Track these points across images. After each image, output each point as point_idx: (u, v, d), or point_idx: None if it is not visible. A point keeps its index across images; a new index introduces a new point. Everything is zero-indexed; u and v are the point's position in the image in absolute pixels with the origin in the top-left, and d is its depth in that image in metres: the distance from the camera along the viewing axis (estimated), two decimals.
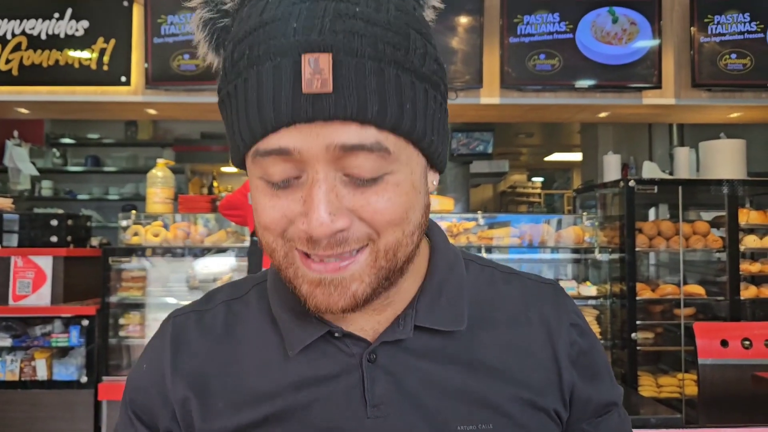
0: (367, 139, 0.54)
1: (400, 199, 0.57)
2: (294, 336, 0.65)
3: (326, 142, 0.53)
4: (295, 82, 0.52)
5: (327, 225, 0.54)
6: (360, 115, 0.53)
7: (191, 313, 0.73)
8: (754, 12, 3.48)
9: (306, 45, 0.53)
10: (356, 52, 0.53)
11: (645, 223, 3.60)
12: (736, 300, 3.44)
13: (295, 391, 0.65)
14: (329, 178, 0.55)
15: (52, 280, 3.45)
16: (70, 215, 3.73)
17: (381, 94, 0.54)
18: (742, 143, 3.71)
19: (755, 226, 3.57)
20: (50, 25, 3.48)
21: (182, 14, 3.43)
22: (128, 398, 0.71)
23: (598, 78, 3.47)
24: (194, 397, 0.67)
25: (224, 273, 3.62)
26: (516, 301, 0.73)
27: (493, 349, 0.68)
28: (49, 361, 3.43)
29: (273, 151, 0.55)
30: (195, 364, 0.68)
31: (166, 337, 0.71)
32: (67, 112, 4.06)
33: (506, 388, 0.67)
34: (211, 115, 4.13)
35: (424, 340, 0.66)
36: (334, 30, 0.53)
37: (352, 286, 0.58)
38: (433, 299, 0.67)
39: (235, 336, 0.70)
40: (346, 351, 0.65)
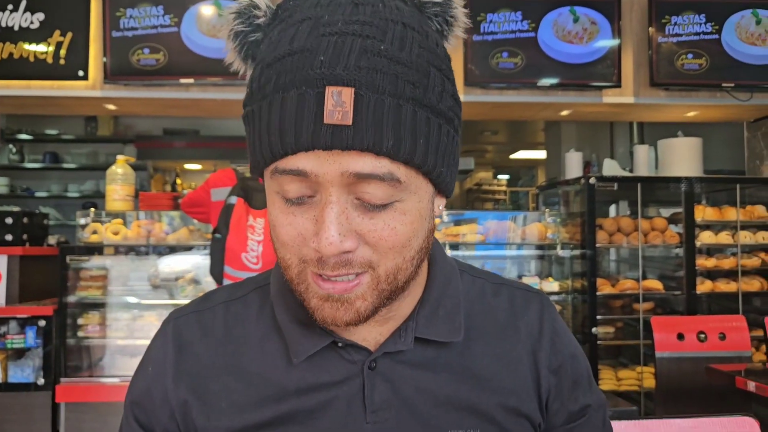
0: (381, 169, 0.57)
1: (405, 228, 0.60)
2: (299, 345, 0.67)
3: (342, 169, 0.56)
4: (318, 112, 0.55)
5: (336, 245, 0.57)
6: (375, 148, 0.56)
7: (191, 314, 0.74)
8: (709, 13, 3.55)
9: (331, 78, 0.56)
10: (377, 88, 0.56)
11: (605, 219, 3.66)
12: (692, 294, 3.51)
13: (298, 396, 0.67)
14: (341, 200, 0.58)
15: (7, 279, 3.38)
16: (27, 213, 3.65)
17: (397, 130, 0.57)
18: (698, 141, 3.79)
19: (711, 223, 3.65)
20: (3, 17, 3.39)
21: (142, 7, 3.37)
22: (129, 401, 0.73)
23: (559, 76, 3.50)
24: (196, 399, 0.68)
25: (187, 271, 3.58)
26: (505, 313, 0.76)
27: (483, 359, 0.72)
28: (4, 363, 3.35)
29: (291, 171, 0.58)
30: (198, 365, 0.70)
31: (167, 339, 0.72)
32: (23, 107, 3.97)
33: (494, 397, 0.70)
34: (173, 110, 4.07)
35: (421, 350, 0.69)
36: (358, 66, 0.56)
37: (356, 303, 0.61)
38: (432, 312, 0.70)
39: (236, 338, 0.71)
40: (348, 359, 0.68)
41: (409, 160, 0.58)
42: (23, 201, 6.05)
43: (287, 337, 0.69)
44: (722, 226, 3.66)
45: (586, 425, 0.76)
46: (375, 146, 0.56)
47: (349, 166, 0.56)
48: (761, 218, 3.66)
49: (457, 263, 0.78)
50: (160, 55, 3.38)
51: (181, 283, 3.56)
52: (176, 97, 3.53)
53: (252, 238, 2.80)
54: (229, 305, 0.74)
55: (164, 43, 3.38)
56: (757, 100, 3.63)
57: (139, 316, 3.55)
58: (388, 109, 0.56)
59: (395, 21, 0.60)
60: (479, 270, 0.80)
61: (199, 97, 3.52)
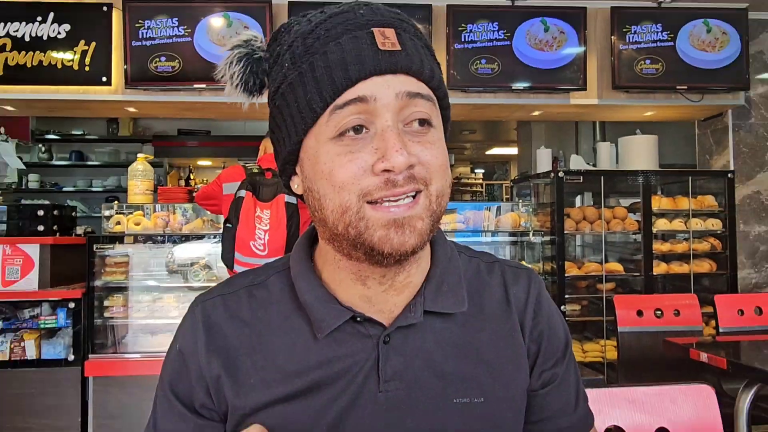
0: (423, 89, 0.62)
1: (441, 151, 0.64)
2: (323, 321, 0.66)
3: (396, 89, 0.60)
4: (373, 44, 0.61)
5: (405, 157, 0.59)
6: (418, 72, 0.62)
7: (217, 298, 0.72)
8: (665, 23, 3.53)
9: (375, 23, 0.62)
10: (408, 31, 0.64)
11: (572, 209, 3.65)
12: (649, 275, 3.52)
13: (320, 368, 0.66)
14: (397, 125, 0.61)
15: (39, 266, 3.33)
16: (56, 206, 3.59)
17: (428, 62, 0.64)
18: (654, 139, 3.79)
19: (665, 211, 3.65)
20: (33, 27, 3.33)
21: (159, 19, 3.32)
22: (167, 380, 0.70)
23: (531, 81, 3.47)
24: (227, 376, 0.67)
25: (201, 257, 3.55)
26: (499, 289, 0.75)
27: (483, 334, 0.71)
28: (37, 341, 3.31)
29: (352, 100, 0.60)
30: (226, 344, 0.68)
31: (197, 321, 0.70)
32: (52, 110, 3.91)
33: (493, 367, 0.69)
34: (187, 113, 4.02)
35: (430, 323, 0.68)
36: (391, 17, 0.64)
37: (418, 224, 0.61)
38: (437, 287, 0.69)
39: (261, 320, 0.70)
40: (365, 333, 0.67)
41: (437, 86, 0.65)
42: (52, 195, 5.98)
43: (311, 315, 0.67)
44: (676, 214, 3.66)
45: (561, 387, 0.74)
46: (419, 70, 0.62)
47: (402, 87, 0.61)
48: (710, 207, 3.67)
49: (455, 245, 0.77)
50: (175, 63, 3.33)
51: (195, 268, 3.53)
52: (190, 101, 3.49)
53: (259, 227, 2.78)
54: (251, 290, 0.72)
55: (179, 52, 3.34)
56: (708, 101, 3.63)
57: (158, 298, 3.52)
58: (419, 47, 0.64)
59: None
60: (474, 250, 0.79)
61: (211, 100, 3.47)
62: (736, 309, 2.79)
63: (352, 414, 0.65)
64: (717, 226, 3.64)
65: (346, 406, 0.65)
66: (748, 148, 3.81)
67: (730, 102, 3.68)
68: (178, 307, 3.48)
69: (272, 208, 2.80)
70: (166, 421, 0.69)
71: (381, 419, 0.66)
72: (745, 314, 2.79)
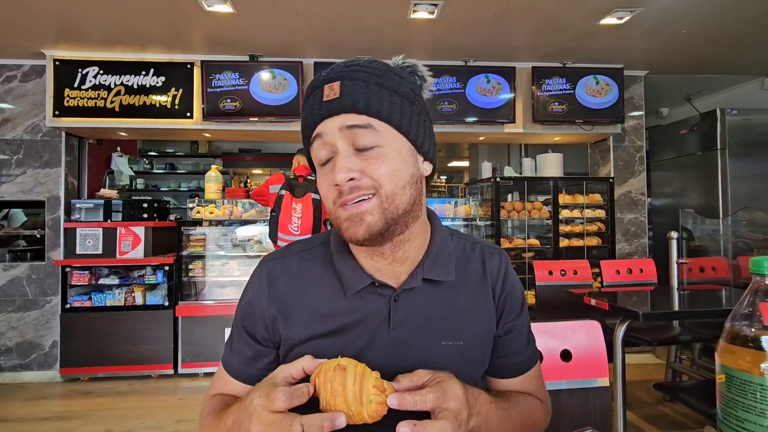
0: (362, 121, 0.58)
1: (389, 163, 0.59)
2: (351, 284, 0.65)
3: (338, 125, 0.58)
4: (320, 99, 0.59)
5: (343, 174, 0.57)
6: (354, 108, 0.58)
7: (277, 260, 0.70)
8: (568, 77, 3.51)
9: (327, 80, 0.60)
10: (354, 78, 0.59)
11: (506, 203, 3.64)
12: (557, 248, 3.53)
13: (347, 315, 0.64)
14: (345, 150, 0.59)
15: (144, 241, 3.31)
16: (155, 200, 3.57)
17: (367, 98, 0.59)
18: (560, 156, 3.78)
19: (568, 204, 3.65)
20: (140, 78, 3.26)
21: (225, 73, 3.26)
22: (240, 316, 0.69)
23: (478, 116, 3.44)
24: (281, 317, 0.65)
25: (254, 235, 3.53)
26: (478, 263, 0.72)
27: (466, 296, 0.69)
28: (143, 292, 3.29)
29: (315, 136, 0.60)
30: (281, 294, 0.67)
31: (263, 276, 0.68)
32: (152, 135, 3.85)
33: (472, 322, 0.68)
34: (245, 137, 3.97)
35: (426, 287, 0.66)
36: (341, 71, 0.60)
37: (367, 218, 0.58)
38: (433, 261, 0.67)
39: (306, 277, 0.67)
40: (380, 294, 0.65)
41: (378, 114, 0.59)
42: (153, 193, 5.90)
43: (343, 278, 0.66)
44: (575, 206, 3.67)
45: (517, 334, 0.72)
46: (354, 107, 0.58)
47: (343, 122, 0.58)
48: (598, 201, 3.67)
49: (449, 230, 0.74)
50: (237, 103, 3.28)
51: (250, 243, 3.51)
52: (247, 129, 3.44)
53: (294, 215, 2.76)
54: (303, 254, 0.70)
55: (239, 96, 3.28)
56: (596, 130, 3.62)
57: (225, 263, 3.49)
58: (360, 87, 0.59)
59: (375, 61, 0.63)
60: (462, 234, 0.76)
61: (261, 129, 3.42)
62: (615, 269, 2.80)
63: (369, 350, 0.64)
64: (602, 215, 3.64)
65: (364, 344, 0.64)
66: (623, 162, 3.81)
67: (611, 131, 3.67)
68: (239, 269, 3.46)
69: (303, 203, 2.78)
70: (237, 344, 0.69)
71: (390, 354, 0.64)
72: (620, 273, 2.80)
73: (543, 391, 0.74)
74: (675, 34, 3.01)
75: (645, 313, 1.84)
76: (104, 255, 3.25)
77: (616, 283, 2.75)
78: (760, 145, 3.43)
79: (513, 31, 2.99)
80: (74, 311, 3.23)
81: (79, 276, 3.26)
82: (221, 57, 3.32)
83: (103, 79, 3.24)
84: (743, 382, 0.49)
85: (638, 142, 3.80)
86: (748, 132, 3.43)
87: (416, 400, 0.51)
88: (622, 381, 1.91)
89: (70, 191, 3.44)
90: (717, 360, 0.53)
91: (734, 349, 0.50)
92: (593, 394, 1.05)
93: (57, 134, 3.37)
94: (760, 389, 0.47)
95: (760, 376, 0.48)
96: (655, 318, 1.91)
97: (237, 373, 0.68)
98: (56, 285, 3.28)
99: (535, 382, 0.73)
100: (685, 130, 3.75)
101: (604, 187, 3.69)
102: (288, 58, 3.33)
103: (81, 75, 3.23)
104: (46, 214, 3.34)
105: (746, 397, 0.48)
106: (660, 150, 4.06)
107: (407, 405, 0.51)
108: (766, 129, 3.44)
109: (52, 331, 3.28)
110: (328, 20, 2.80)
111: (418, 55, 3.36)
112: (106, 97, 3.24)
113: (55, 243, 3.32)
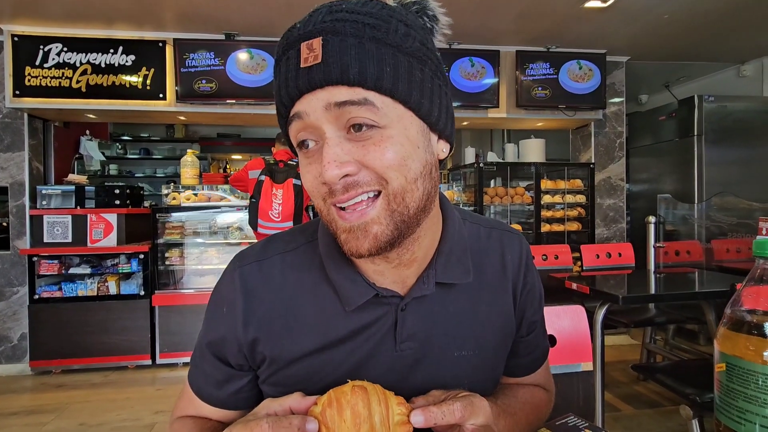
0: (355, 96, 0.43)
1: (395, 148, 0.44)
2: (350, 297, 0.52)
3: (324, 102, 0.43)
4: (297, 63, 0.43)
5: (333, 170, 0.43)
6: (344, 78, 0.42)
7: (254, 264, 0.55)
8: (551, 62, 3.48)
9: (304, 36, 0.44)
10: (340, 32, 0.43)
11: (489, 188, 3.63)
12: (539, 233, 3.54)
13: (345, 327, 0.53)
14: (335, 136, 0.44)
15: (116, 229, 3.16)
16: (129, 186, 3.41)
17: (362, 61, 0.42)
18: (542, 141, 3.78)
19: (549, 190, 3.65)
20: (108, 57, 3.07)
21: (200, 53, 3.11)
22: (207, 341, 0.56)
23: (463, 101, 3.39)
24: (263, 336, 0.53)
25: (233, 222, 3.42)
26: (496, 254, 0.60)
27: (482, 299, 0.57)
28: (117, 282, 3.16)
29: (293, 116, 0.45)
30: (263, 308, 0.53)
31: (236, 286, 0.54)
32: (123, 118, 3.67)
33: (489, 326, 0.58)
34: (222, 121, 3.82)
35: (439, 292, 0.54)
36: (323, 21, 0.43)
37: (374, 229, 0.45)
38: (447, 260, 0.54)
39: (292, 284, 0.54)
40: (385, 303, 0.53)
41: (378, 86, 0.43)
42: (127, 179, 5.68)
43: (340, 292, 0.52)
44: (556, 192, 3.68)
45: (538, 333, 0.65)
46: (343, 76, 0.42)
47: (329, 98, 0.43)
48: (578, 187, 3.68)
49: (459, 212, 0.60)
50: (213, 85, 3.14)
51: (230, 230, 3.40)
52: (224, 112, 3.30)
53: (275, 201, 2.67)
54: (285, 256, 0.55)
55: (215, 77, 3.13)
56: (578, 116, 3.61)
57: (204, 251, 3.39)
58: (351, 46, 0.42)
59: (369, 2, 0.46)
60: (475, 216, 0.63)
61: (239, 112, 3.28)
62: (594, 254, 2.83)
63: (370, 365, 0.53)
64: (582, 200, 3.66)
65: (364, 356, 0.53)
66: (603, 148, 3.83)
67: (592, 117, 3.67)
68: (219, 257, 3.37)
69: (284, 188, 2.69)
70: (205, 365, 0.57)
71: (394, 370, 0.54)
72: (600, 258, 2.83)
73: (550, 380, 0.68)
74: (657, 19, 3.01)
75: (624, 297, 1.85)
76: (74, 243, 3.10)
77: (595, 267, 2.78)
78: (735, 132, 3.50)
79: (497, 14, 2.93)
80: (43, 302, 3.08)
81: (48, 265, 3.11)
82: (195, 35, 3.16)
83: (67, 57, 3.04)
84: (746, 372, 0.46)
85: (618, 128, 3.82)
86: (724, 119, 3.48)
87: (444, 412, 0.45)
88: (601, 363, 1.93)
89: (35, 177, 3.25)
90: (716, 347, 0.49)
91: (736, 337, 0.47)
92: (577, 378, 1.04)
93: (19, 116, 3.17)
94: (763, 378, 0.44)
95: (763, 365, 0.45)
96: (634, 301, 1.93)
97: (206, 396, 0.57)
98: (23, 275, 3.12)
99: (544, 374, 0.67)
100: (663, 116, 3.80)
101: (585, 173, 3.70)
102: (266, 38, 3.19)
103: (43, 52, 3.02)
104: (9, 200, 3.15)
105: (749, 387, 0.45)
106: (639, 136, 4.10)
107: (434, 419, 0.45)
108: (742, 116, 3.51)
109: (20, 323, 3.13)
110: None
111: None
112: (71, 77, 3.04)
113: (21, 231, 3.15)
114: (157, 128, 5.98)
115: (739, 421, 0.46)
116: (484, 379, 0.59)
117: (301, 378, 0.53)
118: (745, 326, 0.47)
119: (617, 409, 2.48)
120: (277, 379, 0.54)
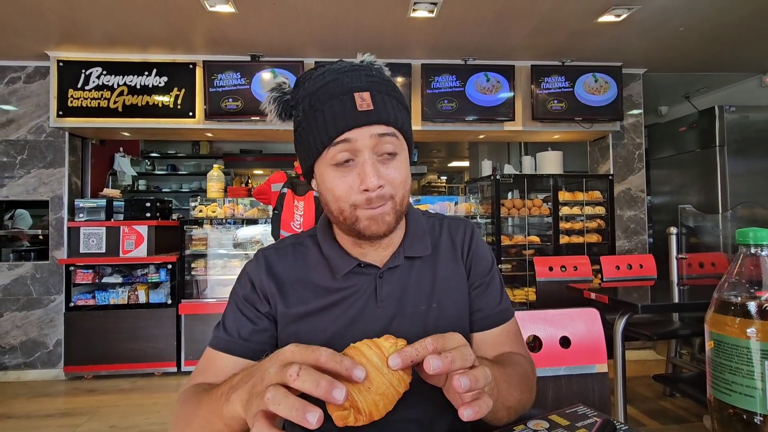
0: (389, 131, 0.64)
1: (405, 171, 0.67)
2: (339, 266, 0.71)
3: (370, 134, 0.63)
4: (353, 106, 0.63)
5: (375, 183, 0.62)
6: (386, 121, 0.64)
7: (272, 249, 0.76)
8: (567, 75, 3.52)
9: (356, 88, 0.64)
10: (381, 91, 0.65)
11: (506, 200, 3.65)
12: (557, 244, 3.54)
13: (338, 293, 0.70)
14: (371, 158, 0.63)
15: (147, 240, 3.32)
16: (158, 200, 3.58)
17: (394, 111, 0.65)
18: (560, 153, 3.79)
19: (568, 201, 3.66)
20: (143, 79, 3.29)
21: (227, 74, 3.29)
22: (241, 294, 0.72)
23: (478, 115, 3.46)
24: (278, 294, 0.71)
25: (256, 235, 3.54)
26: (447, 236, 0.79)
27: (440, 267, 0.75)
28: (146, 291, 3.31)
29: (340, 141, 0.63)
30: (278, 275, 0.72)
31: (260, 261, 0.74)
32: (154, 135, 3.87)
33: (447, 286, 0.74)
34: (246, 137, 3.99)
35: (407, 263, 0.73)
36: (368, 82, 0.65)
37: (387, 218, 0.65)
38: (412, 240, 0.75)
39: (300, 263, 0.74)
40: (367, 273, 0.72)
41: (398, 126, 0.65)
42: (155, 194, 5.92)
43: (331, 263, 0.72)
44: (575, 203, 3.68)
45: (490, 291, 0.77)
46: (384, 119, 0.63)
47: (374, 131, 0.63)
48: (597, 198, 3.68)
49: (420, 212, 0.82)
50: (239, 103, 3.30)
51: (252, 242, 3.52)
52: (248, 129, 3.46)
53: (296, 213, 2.77)
54: (295, 246, 0.77)
55: (241, 95, 3.30)
56: (596, 128, 3.63)
57: (228, 262, 3.52)
58: (387, 101, 0.65)
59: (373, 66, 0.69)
60: (431, 213, 0.84)
61: (262, 128, 3.44)
62: (614, 265, 2.81)
63: (359, 322, 0.70)
64: (602, 212, 3.65)
65: (354, 315, 0.70)
66: (622, 159, 3.82)
67: (610, 128, 3.68)
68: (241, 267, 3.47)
69: (305, 200, 2.79)
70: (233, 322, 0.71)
71: (378, 324, 0.70)
72: (620, 269, 2.82)
73: (523, 347, 0.78)
74: (672, 32, 3.03)
75: (644, 306, 1.85)
76: (108, 254, 3.27)
77: (616, 278, 2.77)
78: (759, 142, 3.44)
79: (512, 29, 3.01)
80: (78, 310, 3.25)
81: (83, 275, 3.28)
82: (223, 57, 3.35)
83: (106, 80, 3.26)
84: (731, 347, 0.51)
85: (637, 140, 3.81)
86: (746, 129, 3.44)
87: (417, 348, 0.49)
88: (622, 374, 1.92)
89: (73, 191, 3.46)
90: (706, 329, 0.55)
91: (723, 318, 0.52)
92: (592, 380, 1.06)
93: (61, 135, 3.40)
94: (746, 352, 0.50)
95: (746, 339, 0.50)
96: (654, 310, 1.92)
97: (232, 347, 0.68)
98: (60, 284, 3.31)
99: (513, 337, 0.77)
100: (683, 127, 3.77)
101: (604, 185, 3.70)
102: (289, 58, 3.36)
103: (84, 76, 3.25)
104: (49, 213, 3.36)
105: (733, 360, 0.51)
106: (659, 148, 4.07)
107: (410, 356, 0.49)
108: (764, 126, 3.46)
109: (56, 330, 3.30)
110: (328, 20, 2.82)
111: (417, 54, 3.39)
112: (109, 98, 3.26)
113: (59, 242, 3.34)
114: (183, 145, 6.23)
115: (727, 392, 0.51)
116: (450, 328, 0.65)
117: (306, 332, 0.69)
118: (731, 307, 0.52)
119: (642, 424, 2.43)
120: (288, 334, 0.69)
